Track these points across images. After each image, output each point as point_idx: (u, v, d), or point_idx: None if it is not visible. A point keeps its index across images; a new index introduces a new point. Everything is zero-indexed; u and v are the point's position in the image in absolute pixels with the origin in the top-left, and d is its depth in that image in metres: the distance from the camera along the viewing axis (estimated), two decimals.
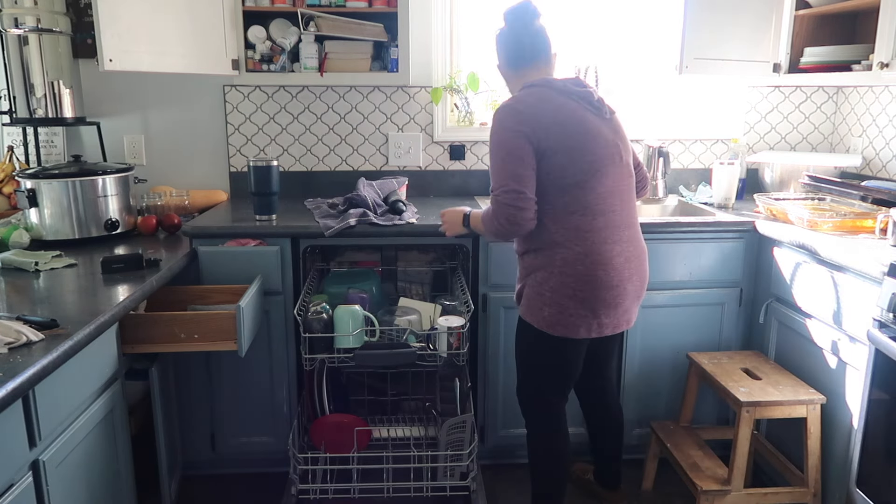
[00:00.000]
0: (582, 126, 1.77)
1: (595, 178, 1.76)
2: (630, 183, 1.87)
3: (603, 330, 1.83)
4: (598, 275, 1.76)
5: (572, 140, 1.74)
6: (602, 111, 1.83)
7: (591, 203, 1.76)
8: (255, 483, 2.42)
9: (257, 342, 2.25)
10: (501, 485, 2.42)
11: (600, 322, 1.82)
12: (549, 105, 1.76)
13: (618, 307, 1.82)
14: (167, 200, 2.51)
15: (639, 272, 1.86)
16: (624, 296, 1.82)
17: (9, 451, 1.23)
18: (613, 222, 1.79)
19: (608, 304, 1.80)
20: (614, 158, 1.80)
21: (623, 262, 1.80)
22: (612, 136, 1.82)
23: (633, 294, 1.86)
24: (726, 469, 2.08)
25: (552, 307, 1.80)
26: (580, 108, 1.79)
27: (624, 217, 1.82)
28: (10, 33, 2.42)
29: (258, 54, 2.58)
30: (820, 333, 2.04)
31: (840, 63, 2.46)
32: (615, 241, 1.79)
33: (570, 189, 1.75)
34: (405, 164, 2.94)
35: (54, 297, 1.69)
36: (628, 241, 1.82)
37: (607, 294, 1.78)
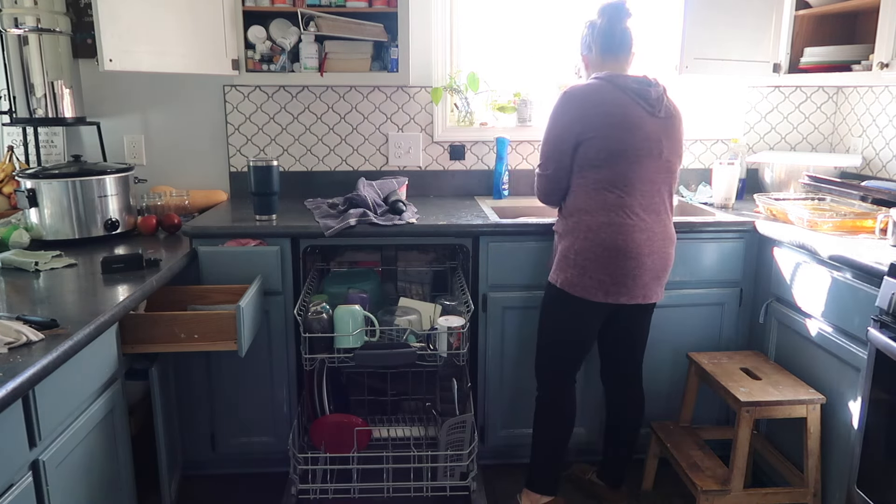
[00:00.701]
0: (624, 117, 1.92)
1: (625, 162, 1.91)
2: (666, 178, 1.98)
3: (619, 297, 1.96)
4: (617, 243, 1.91)
5: (611, 128, 1.91)
6: (655, 109, 1.94)
7: (619, 182, 1.92)
8: (255, 483, 2.42)
9: (257, 342, 2.25)
10: (501, 485, 2.42)
11: (617, 289, 1.95)
12: (599, 96, 1.94)
13: (635, 279, 1.94)
14: (167, 200, 2.51)
15: (660, 253, 1.97)
16: (642, 269, 1.94)
17: (9, 451, 1.23)
18: (640, 203, 1.94)
19: (625, 273, 1.93)
20: (651, 151, 1.93)
21: (644, 239, 1.93)
22: (658, 132, 1.94)
23: (652, 270, 1.96)
24: (726, 469, 2.08)
25: (575, 269, 1.96)
26: (631, 103, 1.93)
27: (653, 204, 1.96)
28: (10, 33, 2.42)
29: (258, 54, 2.58)
30: (820, 333, 2.04)
31: (840, 63, 2.46)
32: (639, 219, 1.93)
33: (602, 166, 1.92)
34: (405, 164, 2.94)
35: (54, 297, 1.69)
36: (653, 224, 1.95)
37: (625, 263, 1.92)
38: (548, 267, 2.11)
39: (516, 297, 2.34)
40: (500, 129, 2.93)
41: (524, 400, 2.41)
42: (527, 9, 2.91)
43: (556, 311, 2.07)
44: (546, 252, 2.30)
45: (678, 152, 2.01)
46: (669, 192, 2.02)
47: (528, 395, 2.40)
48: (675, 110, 2.01)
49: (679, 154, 2.02)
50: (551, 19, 2.92)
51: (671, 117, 1.98)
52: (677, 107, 2.02)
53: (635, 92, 1.94)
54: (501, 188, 2.85)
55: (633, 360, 2.19)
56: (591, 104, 1.93)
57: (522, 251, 2.31)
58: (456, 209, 2.57)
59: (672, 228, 2.03)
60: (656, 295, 2.02)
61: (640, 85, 1.95)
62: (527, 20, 2.93)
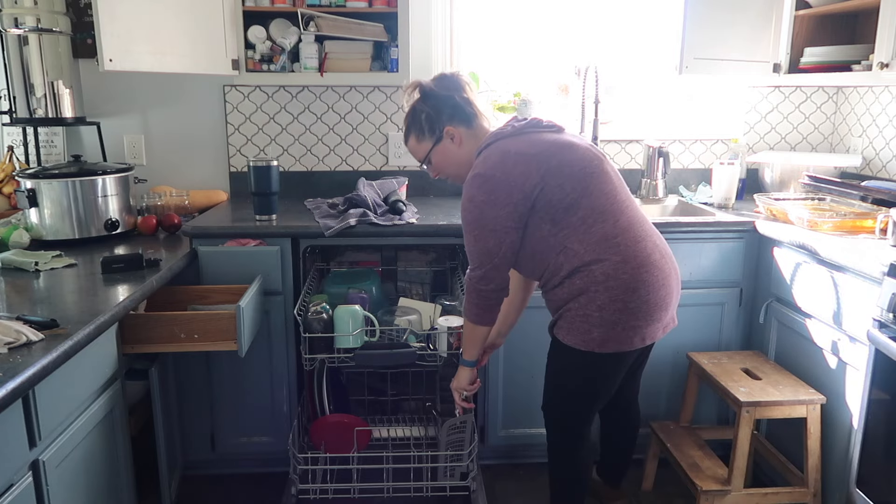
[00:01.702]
0: (552, 146, 1.71)
1: (595, 181, 1.69)
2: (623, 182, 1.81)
3: (656, 334, 1.75)
4: (644, 279, 1.68)
5: (552, 161, 1.68)
6: (553, 127, 1.78)
7: (604, 206, 1.69)
8: (255, 483, 2.42)
9: (257, 342, 2.25)
10: (501, 485, 2.42)
11: (654, 328, 1.73)
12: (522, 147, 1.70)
13: (668, 307, 1.75)
14: (167, 200, 2.51)
15: (674, 266, 1.79)
16: (671, 294, 1.75)
17: (9, 451, 1.23)
18: (634, 219, 1.73)
19: (659, 307, 1.72)
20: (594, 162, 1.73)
21: (660, 259, 1.73)
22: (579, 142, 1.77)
23: (677, 290, 1.79)
24: (726, 469, 2.08)
25: (602, 327, 1.69)
26: (536, 135, 1.74)
27: (639, 213, 1.78)
28: (10, 33, 2.42)
29: (258, 54, 2.58)
30: (820, 333, 2.04)
31: (840, 63, 2.46)
32: (644, 238, 1.72)
33: (579, 201, 1.68)
34: (405, 164, 2.94)
35: (54, 297, 1.69)
36: (654, 235, 1.77)
37: (657, 296, 1.70)
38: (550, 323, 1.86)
39: None
40: None
41: (524, 400, 2.42)
42: (527, 8, 2.91)
43: (583, 374, 1.80)
44: None
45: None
46: None
47: (528, 395, 2.40)
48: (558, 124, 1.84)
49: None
50: (551, 19, 2.93)
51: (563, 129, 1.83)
52: None
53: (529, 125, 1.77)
54: None
55: (637, 374, 2.06)
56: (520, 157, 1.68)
57: None
58: (456, 209, 2.57)
59: None
60: (665, 331, 1.81)
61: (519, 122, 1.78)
62: (527, 20, 2.93)
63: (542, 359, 2.40)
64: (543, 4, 2.91)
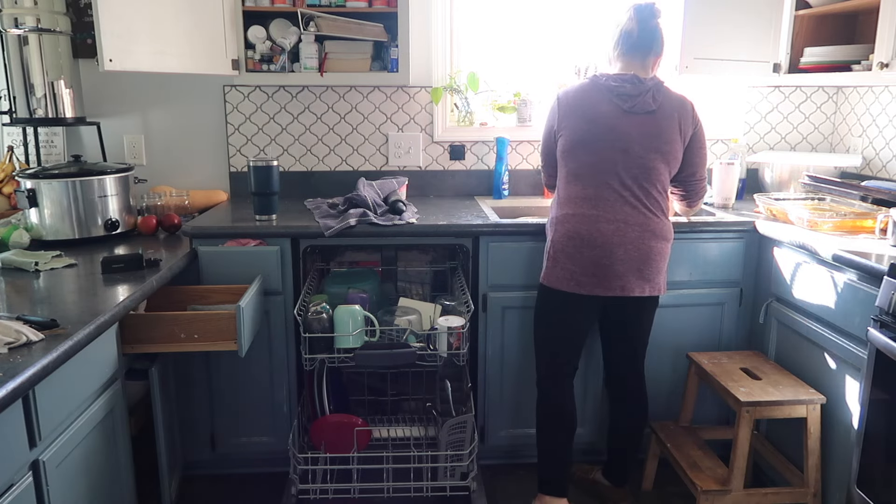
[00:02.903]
0: (591, 111, 1.99)
1: (586, 153, 1.99)
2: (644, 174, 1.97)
3: (592, 288, 1.98)
4: (581, 233, 1.97)
5: (577, 120, 2.01)
6: (629, 105, 1.97)
7: (582, 173, 1.99)
8: (255, 483, 2.42)
9: (257, 342, 2.25)
10: (501, 485, 2.42)
11: (588, 280, 1.98)
12: (576, 93, 2.04)
13: (606, 268, 1.96)
14: (167, 200, 2.51)
15: (636, 244, 1.96)
16: (611, 259, 1.95)
17: (9, 451, 1.23)
18: (608, 195, 1.97)
19: (593, 263, 1.96)
20: (615, 145, 1.96)
21: (613, 230, 1.95)
22: (629, 127, 1.96)
23: (626, 262, 1.96)
24: (726, 469, 2.08)
25: (550, 261, 2.04)
26: (603, 100, 1.99)
27: (627, 197, 1.96)
28: (10, 33, 2.42)
29: (258, 54, 2.58)
30: (820, 333, 2.04)
31: (840, 63, 2.46)
32: (605, 210, 1.96)
33: (569, 158, 2.02)
34: (405, 164, 2.94)
35: (54, 297, 1.69)
36: (628, 215, 1.96)
37: (591, 252, 1.96)
38: None
39: (516, 297, 2.34)
40: (500, 129, 2.93)
41: (524, 400, 2.42)
42: (527, 9, 2.91)
43: (539, 306, 2.13)
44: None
45: (659, 148, 1.98)
46: (656, 187, 1.99)
47: (528, 395, 2.40)
48: (665, 107, 1.99)
49: (660, 150, 1.98)
50: (551, 19, 2.92)
51: (652, 113, 1.97)
52: (675, 105, 2.00)
53: (610, 89, 1.98)
54: (501, 188, 2.85)
55: (631, 359, 2.17)
56: (567, 101, 2.04)
57: (522, 251, 2.31)
58: (456, 209, 2.57)
59: (659, 223, 2.00)
60: (639, 288, 1.99)
61: (618, 82, 1.98)
62: (527, 20, 2.93)
63: None
64: (543, 4, 2.91)
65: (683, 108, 2.01)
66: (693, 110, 2.03)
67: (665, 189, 2.03)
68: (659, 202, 2.01)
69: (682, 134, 2.01)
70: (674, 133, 1.99)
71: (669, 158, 2.00)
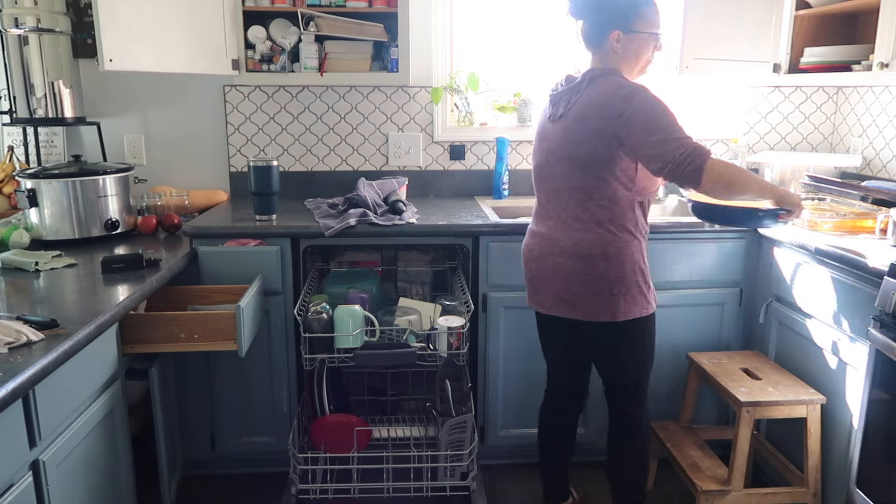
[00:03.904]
0: (539, 121, 1.96)
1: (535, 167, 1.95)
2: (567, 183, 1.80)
3: (529, 302, 1.99)
4: (524, 246, 1.99)
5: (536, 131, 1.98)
6: (551, 115, 1.86)
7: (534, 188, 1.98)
8: (255, 483, 2.42)
9: (257, 342, 2.25)
10: (501, 485, 2.42)
11: (532, 294, 1.98)
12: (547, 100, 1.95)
13: (528, 283, 1.97)
14: (167, 200, 2.51)
15: (544, 258, 1.88)
16: (532, 276, 1.95)
17: (9, 450, 1.23)
18: (540, 210, 1.95)
19: (524, 276, 1.99)
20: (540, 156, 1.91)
21: (532, 243, 1.94)
22: (549, 138, 1.86)
23: (538, 277, 1.92)
24: (726, 469, 2.08)
25: None
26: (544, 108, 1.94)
27: (549, 209, 1.91)
28: (10, 33, 2.42)
29: (258, 54, 2.58)
30: (820, 333, 2.04)
31: (840, 63, 2.46)
32: (536, 224, 1.95)
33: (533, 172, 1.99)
34: (405, 164, 2.94)
35: (54, 297, 1.69)
36: (552, 230, 1.87)
37: (525, 266, 1.98)
38: None
39: (516, 297, 2.33)
40: (500, 129, 2.93)
41: (524, 400, 2.42)
42: (526, 9, 2.91)
43: None
44: None
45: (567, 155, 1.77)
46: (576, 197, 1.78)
47: (528, 395, 2.40)
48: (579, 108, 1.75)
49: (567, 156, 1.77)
50: (551, 19, 2.92)
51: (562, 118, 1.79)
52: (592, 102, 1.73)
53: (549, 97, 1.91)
54: (501, 188, 2.85)
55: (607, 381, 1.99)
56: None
57: None
58: (456, 209, 2.57)
59: (583, 238, 1.78)
60: (558, 309, 1.86)
61: (556, 86, 1.89)
62: (527, 20, 2.93)
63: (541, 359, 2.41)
64: (543, 5, 2.91)
65: (603, 106, 1.71)
66: (620, 101, 1.68)
67: (595, 197, 1.76)
68: (582, 214, 1.78)
69: (598, 133, 1.71)
70: (583, 134, 1.73)
71: (584, 163, 1.75)
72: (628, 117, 1.67)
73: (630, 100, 1.68)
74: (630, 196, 1.78)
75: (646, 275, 1.84)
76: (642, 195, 1.80)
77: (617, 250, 1.78)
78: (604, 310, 1.81)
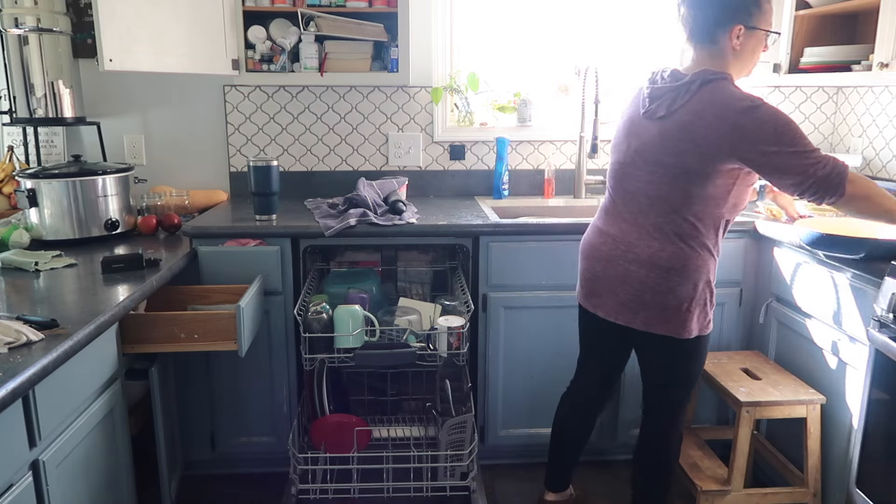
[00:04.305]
0: (627, 116, 1.82)
1: (613, 160, 1.85)
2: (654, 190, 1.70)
3: (584, 301, 1.92)
4: (584, 242, 1.91)
5: (619, 125, 1.86)
6: (647, 112, 1.71)
7: (608, 182, 1.87)
8: (255, 483, 2.42)
9: (257, 342, 2.25)
10: (501, 485, 2.42)
11: (585, 293, 1.91)
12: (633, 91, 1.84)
13: (591, 283, 1.87)
14: (167, 200, 2.51)
15: (613, 262, 1.77)
16: (594, 276, 1.85)
17: (9, 450, 1.23)
18: (612, 209, 1.84)
19: (585, 277, 1.90)
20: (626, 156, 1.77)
21: (600, 242, 1.83)
22: (642, 139, 1.72)
23: (604, 282, 1.80)
24: (726, 469, 2.08)
25: None
26: (635, 102, 1.79)
27: (623, 211, 1.78)
28: (10, 33, 2.42)
29: (258, 54, 2.58)
30: (820, 333, 2.04)
31: (840, 63, 2.46)
32: (606, 223, 1.84)
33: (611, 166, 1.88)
34: (405, 164, 2.94)
35: (54, 297, 1.69)
36: (625, 233, 1.76)
37: (585, 264, 1.89)
38: None
39: (516, 297, 2.34)
40: (500, 129, 2.93)
41: (524, 400, 2.42)
42: (527, 8, 2.91)
43: None
44: (546, 251, 2.30)
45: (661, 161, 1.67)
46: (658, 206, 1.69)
47: (528, 395, 2.40)
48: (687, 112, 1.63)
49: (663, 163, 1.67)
50: (551, 20, 2.92)
51: (663, 119, 1.67)
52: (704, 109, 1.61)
53: (646, 88, 1.75)
54: (501, 188, 2.86)
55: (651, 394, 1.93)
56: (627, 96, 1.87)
57: (522, 251, 2.31)
58: (456, 209, 2.57)
59: (661, 250, 1.70)
60: (619, 315, 1.79)
61: (655, 80, 1.73)
62: (527, 20, 2.93)
63: (541, 359, 2.41)
64: (543, 5, 2.91)
65: (717, 116, 1.59)
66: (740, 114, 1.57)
67: (681, 210, 1.68)
68: (664, 224, 1.70)
69: (704, 145, 1.60)
70: (682, 144, 1.63)
71: (677, 173, 1.65)
72: (751, 131, 1.56)
73: (752, 112, 1.56)
74: (717, 214, 1.70)
75: (713, 294, 1.78)
76: (731, 213, 1.72)
77: (695, 267, 1.71)
78: (669, 324, 1.74)
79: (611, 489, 2.37)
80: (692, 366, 1.84)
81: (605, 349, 1.98)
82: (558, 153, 2.96)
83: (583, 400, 2.06)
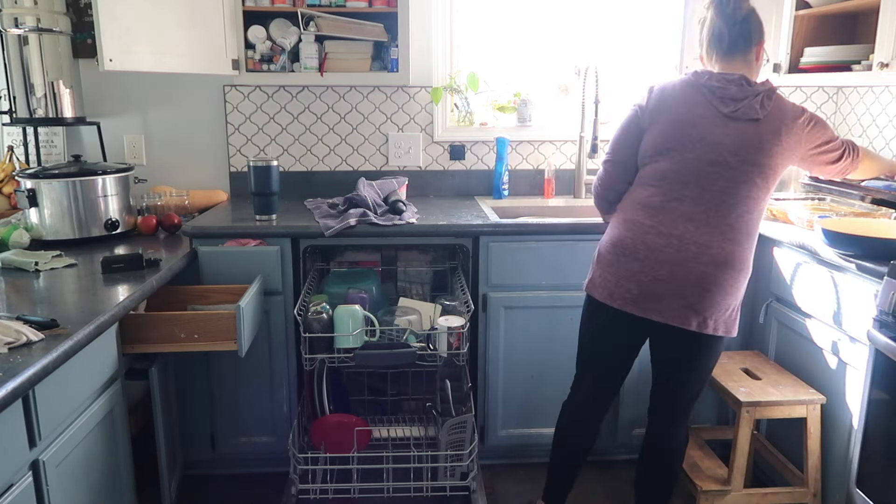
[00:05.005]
0: (689, 116, 1.76)
1: (667, 160, 1.76)
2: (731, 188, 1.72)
3: (624, 304, 1.76)
4: (625, 241, 1.77)
5: (667, 124, 1.78)
6: (736, 112, 1.72)
7: (654, 179, 1.78)
8: (255, 483, 2.42)
9: (257, 342, 2.25)
10: (501, 485, 2.42)
11: (622, 294, 1.76)
12: (673, 90, 1.82)
13: (643, 287, 1.73)
14: (167, 200, 2.51)
15: (685, 264, 1.70)
16: (652, 277, 1.72)
17: (9, 450, 1.23)
18: (673, 208, 1.74)
19: (629, 277, 1.75)
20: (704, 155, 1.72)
21: (662, 244, 1.72)
22: (729, 138, 1.71)
23: (669, 283, 1.71)
24: (726, 469, 2.08)
25: (594, 265, 1.88)
26: (702, 101, 1.76)
27: (698, 213, 1.72)
28: (10, 33, 2.42)
29: (258, 54, 2.58)
30: (820, 333, 2.04)
31: (840, 63, 2.45)
32: (662, 222, 1.74)
33: (647, 163, 1.81)
34: (405, 164, 2.94)
35: (54, 297, 1.69)
36: (692, 233, 1.71)
37: (630, 265, 1.75)
38: None
39: (516, 297, 2.34)
40: (500, 129, 2.93)
41: (524, 400, 2.42)
42: (527, 8, 2.91)
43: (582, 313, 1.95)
44: (546, 251, 2.30)
45: (757, 161, 1.71)
46: (743, 205, 1.72)
47: (528, 395, 2.40)
48: (773, 116, 1.72)
49: (758, 163, 1.71)
50: (551, 20, 2.92)
51: (757, 121, 1.71)
52: (785, 115, 1.74)
53: (712, 90, 1.74)
54: (501, 188, 2.86)
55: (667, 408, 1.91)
56: (662, 96, 1.81)
57: (523, 251, 2.31)
58: (456, 209, 2.57)
59: (729, 248, 1.71)
60: (680, 319, 1.72)
61: (723, 83, 1.74)
62: (527, 20, 2.93)
63: (541, 359, 2.41)
64: (543, 5, 2.91)
65: (793, 120, 1.74)
66: (802, 117, 1.76)
67: (754, 209, 1.74)
68: (739, 224, 1.72)
69: (783, 147, 1.73)
70: (775, 146, 1.72)
71: (767, 173, 1.73)
72: (811, 131, 1.78)
73: (807, 115, 1.78)
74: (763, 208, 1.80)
75: None
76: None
77: (750, 266, 1.78)
78: (726, 324, 1.77)
79: (611, 489, 2.38)
80: (713, 364, 1.87)
81: (622, 351, 1.92)
82: (558, 153, 2.96)
83: (596, 407, 1.98)
